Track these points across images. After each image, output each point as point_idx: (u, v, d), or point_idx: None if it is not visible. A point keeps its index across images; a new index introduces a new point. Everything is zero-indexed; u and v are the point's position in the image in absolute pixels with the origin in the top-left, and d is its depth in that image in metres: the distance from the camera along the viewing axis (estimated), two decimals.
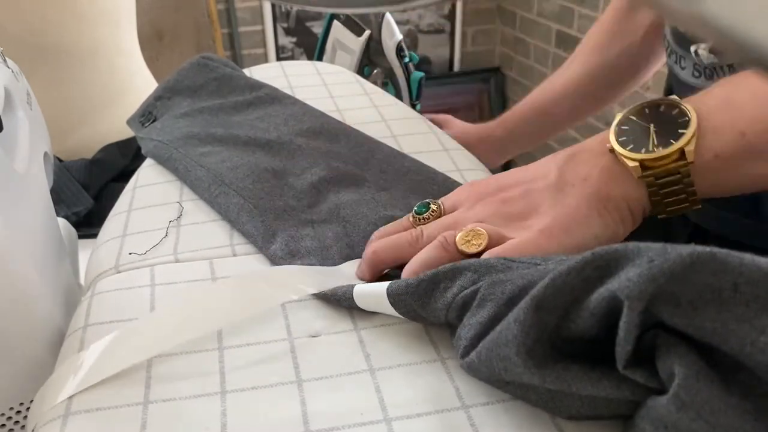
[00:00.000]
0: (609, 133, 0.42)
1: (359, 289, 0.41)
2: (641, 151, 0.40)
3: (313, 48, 1.02)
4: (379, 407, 0.35)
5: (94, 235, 0.57)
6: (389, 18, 0.87)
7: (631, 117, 0.42)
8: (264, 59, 2.32)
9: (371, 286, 0.40)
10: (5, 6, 0.94)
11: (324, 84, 0.79)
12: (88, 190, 0.94)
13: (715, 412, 0.26)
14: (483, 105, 2.54)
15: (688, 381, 0.26)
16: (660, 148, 0.40)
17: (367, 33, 0.89)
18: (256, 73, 0.79)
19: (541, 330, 0.30)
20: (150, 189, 0.59)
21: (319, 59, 0.99)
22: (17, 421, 0.46)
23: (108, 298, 0.46)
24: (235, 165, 0.56)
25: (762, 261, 0.26)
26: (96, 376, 0.37)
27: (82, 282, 0.58)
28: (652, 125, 0.41)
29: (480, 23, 2.50)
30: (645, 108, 0.43)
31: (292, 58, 2.35)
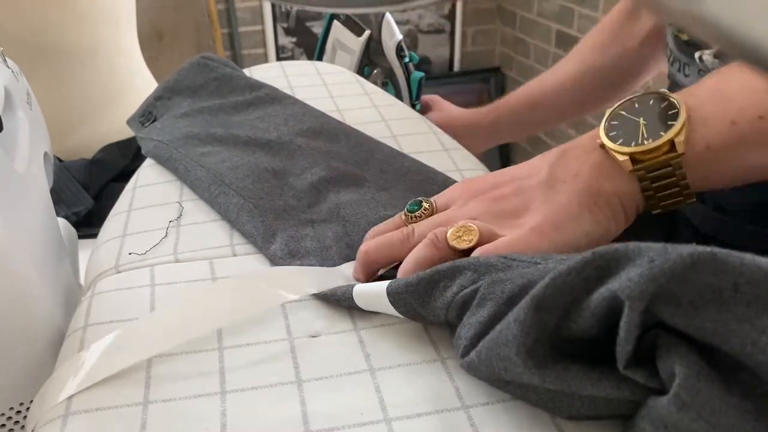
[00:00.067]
0: (599, 129, 0.42)
1: (359, 289, 0.41)
2: (631, 145, 0.40)
3: (313, 48, 1.02)
4: (379, 407, 0.35)
5: (94, 235, 0.57)
6: (389, 18, 0.87)
7: (621, 112, 0.42)
8: (264, 59, 2.32)
9: (371, 285, 0.40)
10: (5, 6, 0.94)
11: (324, 84, 0.79)
12: (88, 190, 0.94)
13: (716, 412, 0.26)
14: (483, 105, 2.54)
15: (688, 381, 0.26)
16: (650, 140, 0.40)
17: (367, 33, 0.89)
18: (256, 73, 0.79)
19: (541, 330, 0.30)
20: (150, 189, 0.59)
21: (319, 59, 0.99)
22: (17, 421, 0.46)
23: (108, 298, 0.46)
24: (235, 165, 0.56)
25: (763, 261, 0.26)
26: (96, 376, 0.37)
27: (82, 282, 0.58)
28: (641, 118, 0.41)
29: (480, 23, 2.50)
30: (635, 102, 0.43)
31: (292, 58, 2.34)
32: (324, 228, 0.49)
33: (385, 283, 0.39)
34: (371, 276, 0.44)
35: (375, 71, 0.91)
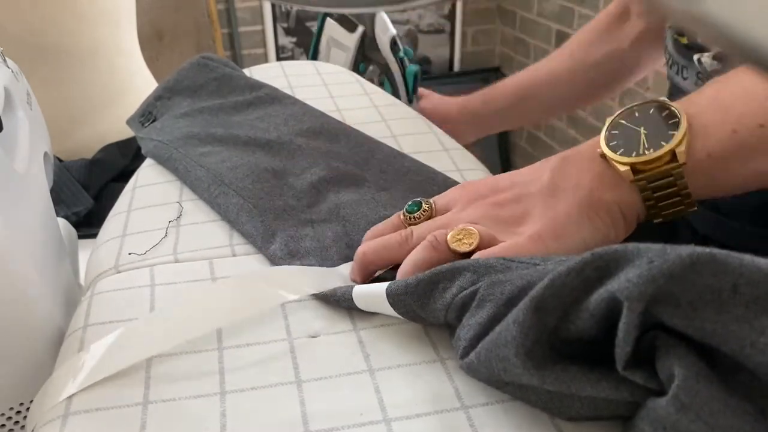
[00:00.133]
0: (600, 138, 0.42)
1: (358, 290, 0.41)
2: (632, 155, 0.40)
3: None
4: (379, 408, 0.35)
5: (94, 235, 0.57)
6: (382, 13, 0.86)
7: (621, 121, 0.42)
8: (264, 59, 2.32)
9: (370, 286, 0.40)
10: (5, 6, 0.94)
11: (324, 84, 0.79)
12: (88, 190, 0.94)
13: (715, 413, 0.26)
14: None
15: (687, 382, 0.26)
16: (650, 150, 0.39)
17: (361, 29, 0.89)
18: (256, 73, 0.79)
19: (540, 331, 0.30)
20: (150, 189, 0.59)
21: (314, 58, 0.99)
22: (17, 421, 0.46)
23: (108, 298, 0.46)
24: (235, 165, 0.56)
25: (762, 262, 0.26)
26: (96, 376, 0.37)
27: (82, 282, 0.58)
28: (642, 128, 0.41)
29: (480, 23, 2.50)
30: (635, 111, 0.42)
31: (292, 58, 2.34)
32: (324, 228, 0.49)
33: (385, 285, 0.39)
34: (368, 277, 0.44)
35: (370, 68, 0.91)
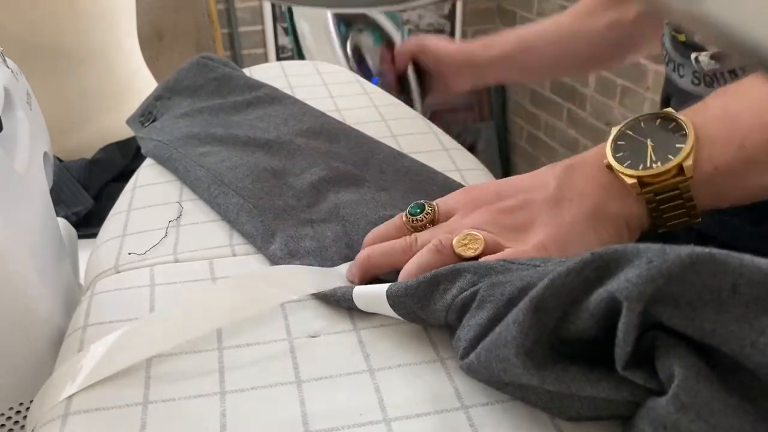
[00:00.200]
0: (606, 148, 0.42)
1: (359, 291, 0.41)
2: (639, 168, 0.40)
3: None
4: (379, 408, 0.35)
5: (94, 235, 0.57)
6: None
7: (627, 131, 0.42)
8: (264, 59, 2.32)
9: (371, 288, 0.40)
10: (5, 6, 0.94)
11: (324, 84, 0.79)
12: (88, 190, 0.95)
13: (715, 413, 0.26)
14: (483, 105, 2.54)
15: (687, 382, 0.26)
16: (658, 163, 0.39)
17: None
18: (256, 73, 0.79)
19: (540, 331, 0.30)
20: (150, 189, 0.59)
21: (297, 43, 0.95)
22: (17, 421, 0.46)
23: (108, 298, 0.46)
24: (235, 165, 0.56)
25: (761, 262, 0.26)
26: (96, 376, 0.37)
27: (82, 282, 0.58)
28: (648, 140, 0.41)
29: (480, 23, 2.50)
30: (641, 122, 0.42)
31: (292, 58, 2.34)
32: (323, 228, 0.49)
33: (385, 286, 0.39)
34: (366, 281, 0.44)
35: (352, 26, 0.87)
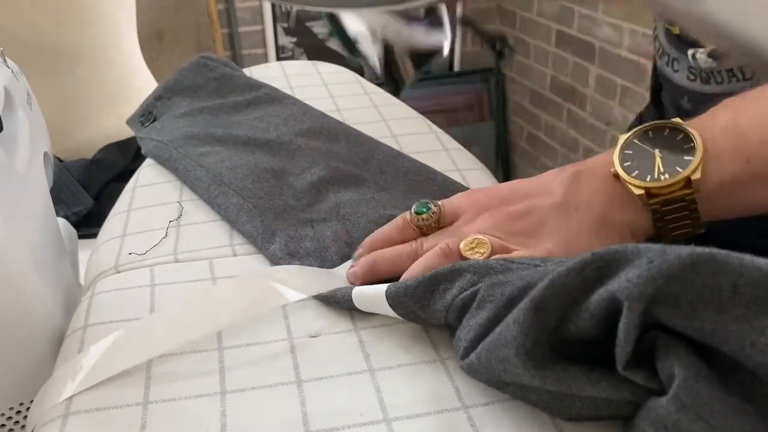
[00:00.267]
0: (613, 157, 0.42)
1: (358, 292, 0.41)
2: (647, 179, 0.40)
3: (314, 48, 1.01)
4: (379, 408, 0.35)
5: (94, 235, 0.57)
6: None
7: (635, 141, 0.42)
8: (264, 59, 2.31)
9: (370, 288, 0.40)
10: (5, 6, 0.94)
11: (324, 84, 0.79)
12: (88, 190, 0.95)
13: (715, 413, 0.26)
14: (483, 105, 2.54)
15: (687, 382, 0.26)
16: (666, 175, 0.40)
17: None
18: (256, 73, 0.79)
19: (541, 331, 0.30)
20: (150, 189, 0.59)
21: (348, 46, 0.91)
22: (17, 421, 0.46)
23: (108, 298, 0.46)
24: (235, 165, 0.56)
25: (762, 262, 0.26)
26: (96, 376, 0.37)
27: (82, 282, 0.58)
28: (657, 151, 0.41)
29: (480, 23, 2.50)
30: (649, 131, 0.42)
31: (292, 58, 2.34)
32: (323, 227, 0.49)
33: (384, 287, 0.39)
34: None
35: None
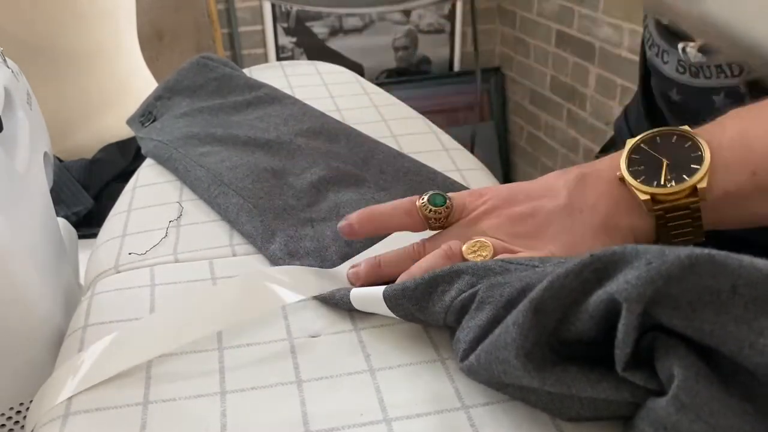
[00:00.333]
0: (620, 161, 0.42)
1: (356, 293, 0.41)
2: (653, 185, 0.40)
3: (314, 48, 1.01)
4: (379, 408, 0.35)
5: (94, 235, 0.57)
6: None
7: (643, 146, 0.42)
8: (264, 59, 2.31)
9: (368, 290, 0.40)
10: (5, 6, 0.94)
11: (324, 84, 0.79)
12: (88, 190, 0.95)
13: (715, 413, 0.26)
14: (483, 105, 2.54)
15: (687, 382, 0.26)
16: (672, 183, 0.40)
17: None
18: (256, 73, 0.79)
19: (540, 333, 0.30)
20: (150, 189, 0.59)
21: None
22: (17, 421, 0.46)
23: (108, 298, 0.46)
24: (235, 165, 0.56)
25: (761, 263, 0.26)
26: (95, 376, 0.37)
27: (82, 282, 0.58)
28: (664, 157, 0.41)
29: (480, 23, 2.50)
30: (657, 137, 0.42)
31: (292, 58, 2.34)
32: (323, 227, 0.49)
33: (382, 288, 0.39)
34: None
35: None
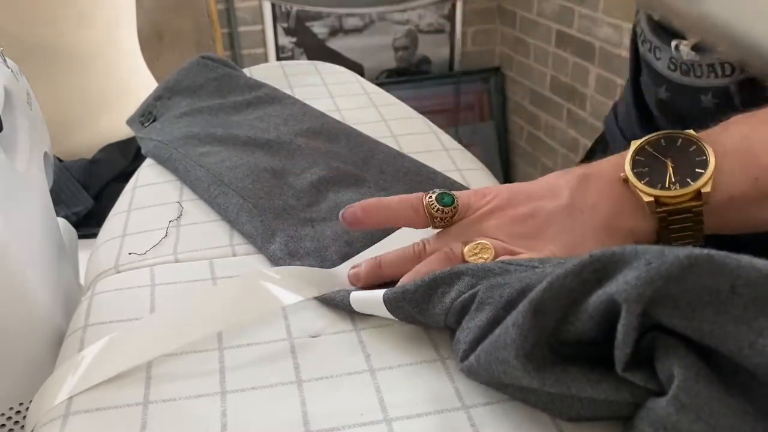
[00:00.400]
0: (624, 161, 0.42)
1: (356, 296, 0.41)
2: (657, 187, 0.40)
3: (314, 48, 1.01)
4: (379, 407, 0.35)
5: (94, 235, 0.57)
6: None
7: (647, 147, 0.42)
8: (264, 59, 2.31)
9: (367, 293, 0.40)
10: (5, 6, 0.94)
11: (324, 84, 0.79)
12: (88, 190, 0.95)
13: (715, 413, 0.26)
14: (483, 105, 2.54)
15: (687, 382, 0.26)
16: (677, 186, 0.40)
17: None
18: (256, 73, 0.79)
19: (540, 333, 0.30)
20: (150, 189, 0.59)
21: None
22: (17, 421, 0.46)
23: (108, 298, 0.46)
24: (235, 165, 0.56)
25: (760, 263, 0.26)
26: (95, 376, 0.37)
27: (82, 282, 0.58)
28: (669, 160, 0.41)
29: (480, 23, 2.50)
30: (661, 139, 0.42)
31: (292, 58, 2.34)
32: (323, 227, 0.49)
33: (381, 292, 0.39)
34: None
35: None
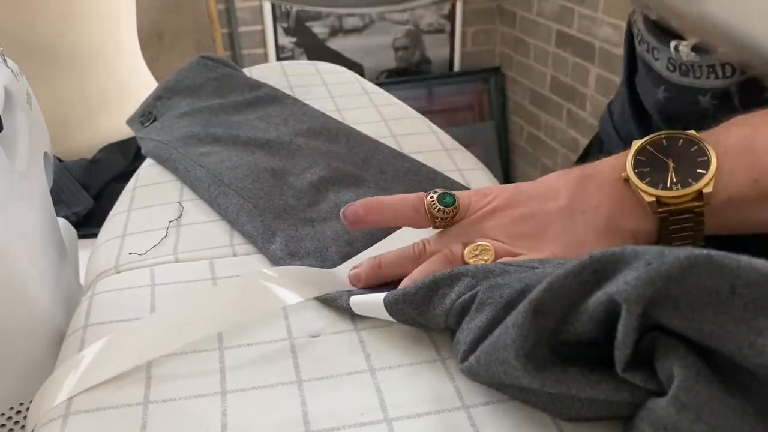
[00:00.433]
0: (626, 161, 0.41)
1: (356, 300, 0.41)
2: (659, 187, 0.40)
3: (314, 48, 1.01)
4: (380, 407, 0.35)
5: (94, 235, 0.57)
6: None
7: (648, 147, 0.42)
8: (264, 59, 2.31)
9: (368, 296, 0.41)
10: (5, 6, 0.94)
11: (324, 84, 0.79)
12: (88, 190, 0.95)
13: (715, 413, 0.26)
14: (483, 105, 2.54)
15: (687, 383, 0.26)
16: (678, 186, 0.40)
17: None
18: (256, 73, 0.79)
19: (540, 334, 0.30)
20: (150, 189, 0.59)
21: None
22: (17, 421, 0.46)
23: (108, 298, 0.46)
24: (235, 165, 0.56)
25: (759, 263, 0.26)
26: (95, 376, 0.37)
27: (82, 282, 0.58)
28: (670, 160, 0.41)
29: (480, 23, 2.50)
30: (663, 139, 0.42)
31: (292, 58, 2.34)
32: (324, 227, 0.49)
33: (382, 295, 0.39)
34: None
35: None
